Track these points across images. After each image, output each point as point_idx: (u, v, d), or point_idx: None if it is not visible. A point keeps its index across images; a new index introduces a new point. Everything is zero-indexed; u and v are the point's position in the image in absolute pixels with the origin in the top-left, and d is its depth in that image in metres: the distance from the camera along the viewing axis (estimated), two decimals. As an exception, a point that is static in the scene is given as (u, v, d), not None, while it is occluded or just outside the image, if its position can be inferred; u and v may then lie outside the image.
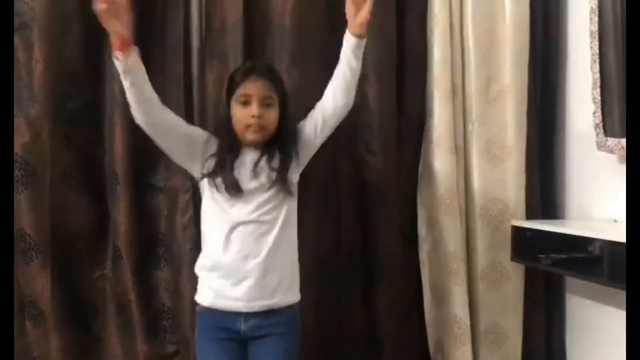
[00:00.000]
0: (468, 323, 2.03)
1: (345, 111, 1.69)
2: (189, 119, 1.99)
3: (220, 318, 1.58)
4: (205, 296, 1.62)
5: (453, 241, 2.03)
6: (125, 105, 1.90)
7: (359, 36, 1.59)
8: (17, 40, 1.90)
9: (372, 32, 2.00)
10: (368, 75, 2.02)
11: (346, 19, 1.61)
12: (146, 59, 1.96)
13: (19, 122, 1.90)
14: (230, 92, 1.63)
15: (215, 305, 1.59)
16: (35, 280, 1.91)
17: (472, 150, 2.09)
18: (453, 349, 2.04)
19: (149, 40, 1.98)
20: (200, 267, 1.65)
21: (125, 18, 1.49)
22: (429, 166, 2.07)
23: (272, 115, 1.62)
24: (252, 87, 1.60)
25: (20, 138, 1.90)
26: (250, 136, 1.60)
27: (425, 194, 2.09)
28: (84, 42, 1.97)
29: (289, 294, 1.62)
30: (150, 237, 1.99)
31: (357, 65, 1.63)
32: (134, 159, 1.95)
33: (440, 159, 2.04)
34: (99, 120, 2.01)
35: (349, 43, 1.61)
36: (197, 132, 1.69)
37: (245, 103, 1.59)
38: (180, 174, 1.97)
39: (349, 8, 1.59)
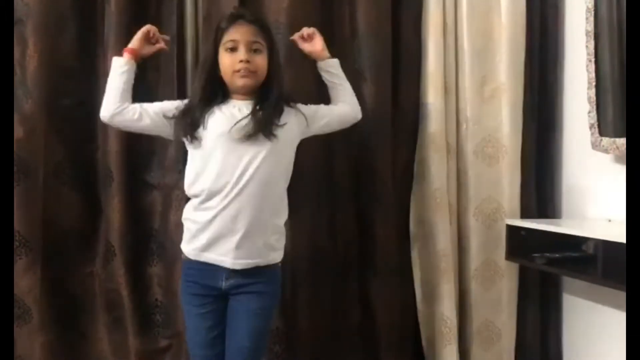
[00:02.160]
0: (455, 321, 2.03)
1: (351, 121, 1.79)
2: None
3: (203, 273, 1.56)
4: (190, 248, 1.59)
5: (442, 239, 2.04)
6: None
7: (328, 58, 1.74)
8: None
9: (368, 30, 2.02)
10: (364, 73, 2.03)
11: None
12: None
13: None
14: (217, 42, 1.59)
15: (199, 258, 1.57)
16: (23, 278, 1.89)
17: (467, 149, 2.09)
18: (440, 347, 2.04)
19: None
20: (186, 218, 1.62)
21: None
22: (422, 164, 2.07)
23: (261, 61, 1.58)
24: (239, 33, 1.56)
25: (14, 134, 1.88)
26: (239, 81, 1.57)
27: (417, 191, 2.09)
28: (79, 38, 1.97)
29: (271, 253, 1.59)
30: (143, 233, 1.99)
31: (345, 81, 1.77)
32: (128, 156, 1.94)
33: (433, 157, 2.04)
34: (92, 117, 1.98)
35: (326, 68, 1.76)
36: (167, 106, 1.65)
37: (233, 49, 1.56)
38: (174, 171, 1.97)
39: (304, 46, 1.79)
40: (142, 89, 1.97)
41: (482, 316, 2.10)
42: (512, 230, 1.95)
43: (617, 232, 1.53)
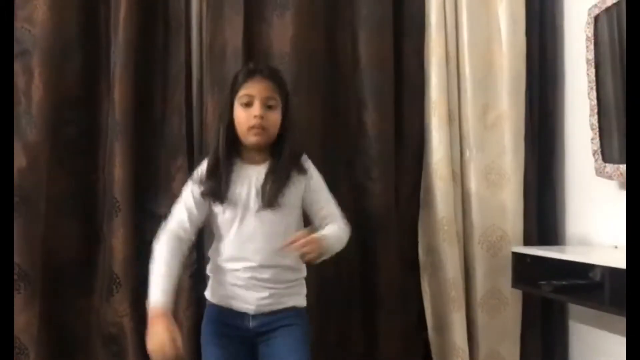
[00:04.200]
0: (467, 351, 2.03)
1: None
2: (190, 146, 2.03)
3: (228, 313, 1.61)
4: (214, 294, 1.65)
5: (452, 268, 2.05)
6: (127, 132, 1.95)
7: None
8: (17, 66, 1.94)
9: (370, 60, 2.08)
10: (366, 102, 2.07)
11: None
12: (148, 88, 2.00)
13: (16, 147, 1.92)
14: (232, 94, 1.62)
15: (223, 303, 1.62)
16: (20, 314, 1.87)
17: (470, 176, 2.12)
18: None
19: (151, 71, 2.03)
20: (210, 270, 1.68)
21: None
22: (428, 192, 2.10)
23: (274, 117, 1.60)
24: (255, 88, 1.59)
25: (16, 163, 1.91)
26: (252, 138, 1.58)
27: (424, 220, 2.11)
28: (84, 69, 2.02)
29: (294, 299, 1.64)
30: (149, 264, 1.99)
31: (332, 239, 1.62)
32: (135, 185, 1.97)
33: (439, 185, 2.07)
34: (95, 147, 2.03)
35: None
36: (198, 203, 1.63)
37: (248, 104, 1.58)
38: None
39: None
40: (150, 120, 2.01)
41: (488, 345, 2.11)
42: (517, 257, 1.96)
43: (623, 259, 1.54)
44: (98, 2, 2.05)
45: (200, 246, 1.93)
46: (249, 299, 1.58)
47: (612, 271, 1.57)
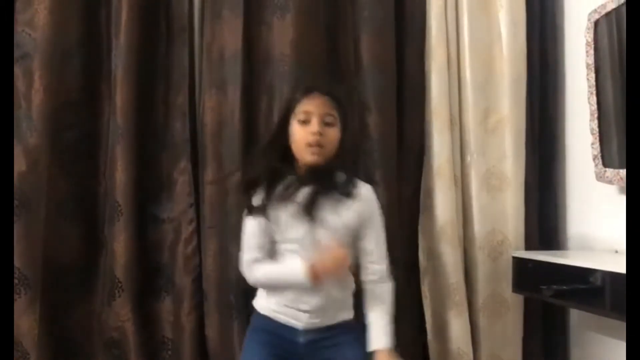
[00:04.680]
0: (471, 356, 2.03)
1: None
2: (192, 150, 2.05)
3: (278, 325, 1.61)
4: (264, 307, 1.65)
5: (453, 272, 2.05)
6: (129, 136, 1.96)
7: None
8: (17, 70, 1.95)
9: (372, 63, 2.08)
10: (369, 105, 2.08)
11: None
12: (149, 91, 2.02)
13: (16, 151, 1.92)
14: (288, 112, 1.61)
15: (274, 317, 1.62)
16: (22, 318, 1.88)
17: (472, 180, 2.13)
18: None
19: (153, 74, 2.04)
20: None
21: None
22: (429, 197, 2.10)
23: (333, 134, 1.58)
24: (313, 105, 1.57)
25: (17, 167, 1.91)
26: (309, 157, 1.56)
27: (425, 224, 2.12)
28: (84, 73, 2.02)
29: (346, 313, 1.66)
30: (151, 268, 2.01)
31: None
32: (137, 189, 1.98)
33: (441, 189, 2.08)
34: (96, 151, 2.04)
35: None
36: (266, 227, 1.63)
37: (305, 122, 1.57)
38: (184, 204, 2.01)
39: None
40: (152, 123, 2.01)
41: (489, 350, 2.11)
42: (518, 262, 1.97)
43: (623, 264, 1.55)
44: (99, 6, 2.06)
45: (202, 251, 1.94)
46: (300, 316, 1.59)
47: (613, 276, 1.57)
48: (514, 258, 1.99)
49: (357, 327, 1.66)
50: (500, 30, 2.15)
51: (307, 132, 1.56)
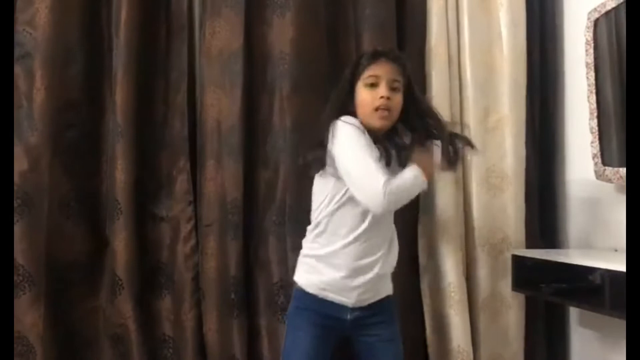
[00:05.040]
0: (471, 354, 2.04)
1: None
2: (191, 149, 2.06)
3: (324, 304, 1.62)
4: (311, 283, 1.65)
5: (453, 271, 2.06)
6: (128, 134, 1.97)
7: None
8: (18, 69, 1.96)
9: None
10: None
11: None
12: (149, 90, 2.02)
13: (18, 150, 1.93)
14: (355, 77, 1.62)
15: (323, 296, 1.62)
16: (26, 314, 1.89)
17: (472, 179, 2.14)
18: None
19: (152, 73, 2.06)
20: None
21: None
22: (429, 195, 2.10)
23: (398, 99, 1.61)
24: (381, 69, 1.60)
25: (19, 166, 1.92)
26: (377, 122, 1.59)
27: (426, 222, 2.13)
28: (85, 71, 2.03)
29: (387, 288, 1.70)
30: (151, 266, 2.03)
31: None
32: (136, 187, 2.00)
33: (441, 188, 2.08)
34: (97, 150, 2.05)
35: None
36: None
37: (373, 85, 1.59)
38: (183, 203, 2.01)
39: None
40: (151, 122, 2.02)
41: (490, 349, 2.11)
42: (517, 260, 1.97)
43: (623, 262, 1.55)
44: (100, 5, 2.07)
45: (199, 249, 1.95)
46: (350, 293, 1.60)
47: (612, 274, 1.58)
48: (514, 256, 2.00)
49: (394, 306, 1.72)
50: (501, 29, 2.15)
51: (375, 95, 1.58)
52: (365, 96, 1.60)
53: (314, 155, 1.61)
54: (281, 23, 2.05)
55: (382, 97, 1.57)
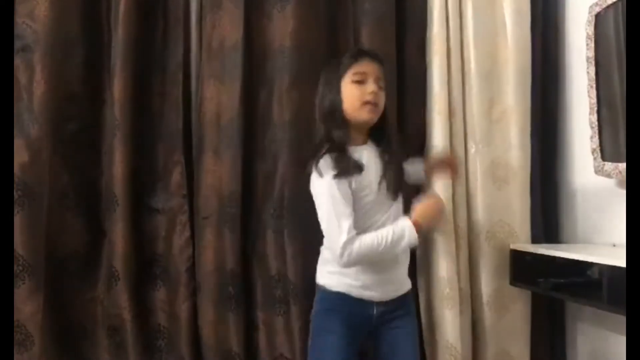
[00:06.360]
0: (459, 349, 2.02)
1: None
2: (187, 141, 2.08)
3: (350, 302, 1.65)
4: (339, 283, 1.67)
5: (448, 265, 2.04)
6: (125, 127, 1.99)
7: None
8: (18, 62, 1.99)
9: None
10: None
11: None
12: (146, 83, 2.03)
13: (18, 143, 1.95)
14: (339, 78, 1.65)
15: (349, 292, 1.65)
16: (26, 303, 1.92)
17: (477, 172, 2.12)
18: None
19: (149, 67, 2.07)
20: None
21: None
22: (428, 187, 2.09)
23: (384, 97, 1.67)
24: (367, 67, 1.65)
25: (19, 158, 1.95)
26: (366, 115, 1.64)
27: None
28: (85, 64, 2.06)
29: (408, 282, 1.76)
30: (147, 258, 2.06)
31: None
32: (133, 181, 2.02)
33: (437, 179, 2.05)
34: (97, 142, 2.08)
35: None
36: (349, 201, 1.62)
37: (361, 82, 1.63)
38: (179, 195, 2.04)
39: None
40: (148, 115, 2.02)
41: (496, 344, 2.10)
42: (516, 255, 1.97)
43: (622, 257, 1.55)
44: (99, -2, 2.07)
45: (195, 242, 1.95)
46: (379, 288, 1.64)
47: (610, 269, 1.58)
48: (512, 251, 2.00)
49: (412, 297, 1.78)
50: (505, 19, 2.14)
51: (364, 91, 1.63)
52: (354, 91, 1.63)
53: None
54: (281, 16, 2.06)
55: (371, 92, 1.62)
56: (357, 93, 1.62)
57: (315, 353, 1.66)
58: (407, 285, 1.74)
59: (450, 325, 2.03)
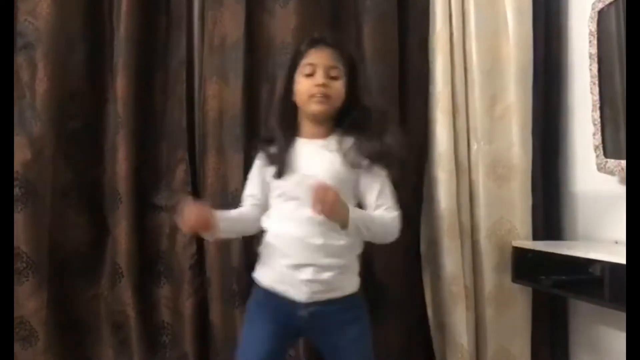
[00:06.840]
0: (466, 347, 2.04)
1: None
2: (191, 138, 2.08)
3: (277, 301, 1.58)
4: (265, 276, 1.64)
5: (452, 262, 2.06)
6: (128, 125, 2.01)
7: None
8: (20, 59, 2.01)
9: (375, 52, 2.09)
10: (371, 94, 2.05)
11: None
12: (149, 81, 2.03)
13: (21, 141, 1.97)
14: (294, 67, 1.64)
15: (273, 288, 1.60)
16: (30, 300, 1.94)
17: (478, 169, 2.13)
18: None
19: (152, 64, 2.08)
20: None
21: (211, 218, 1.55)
22: (430, 185, 2.11)
23: (338, 86, 1.61)
24: (317, 57, 1.60)
25: (22, 156, 1.96)
26: (314, 106, 1.60)
27: (427, 213, 2.14)
28: (87, 62, 2.07)
29: (350, 284, 1.62)
30: (151, 255, 2.08)
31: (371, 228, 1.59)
32: (136, 177, 2.04)
33: (441, 177, 2.09)
34: (100, 140, 2.09)
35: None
36: (261, 174, 1.68)
37: (310, 75, 1.60)
38: (182, 193, 2.04)
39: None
40: (151, 112, 2.03)
41: (497, 342, 2.10)
42: (518, 252, 1.97)
43: (623, 255, 1.55)
44: (102, -5, 2.08)
45: (202, 239, 1.95)
46: (300, 286, 1.53)
47: (612, 266, 1.58)
48: (514, 248, 2.00)
49: (363, 303, 1.64)
50: (507, 16, 2.13)
51: (312, 84, 1.59)
52: (303, 84, 1.61)
53: None
54: (283, 12, 2.06)
55: (317, 85, 1.58)
56: (305, 86, 1.60)
57: (243, 343, 1.63)
58: (346, 287, 1.59)
59: (458, 323, 2.03)
